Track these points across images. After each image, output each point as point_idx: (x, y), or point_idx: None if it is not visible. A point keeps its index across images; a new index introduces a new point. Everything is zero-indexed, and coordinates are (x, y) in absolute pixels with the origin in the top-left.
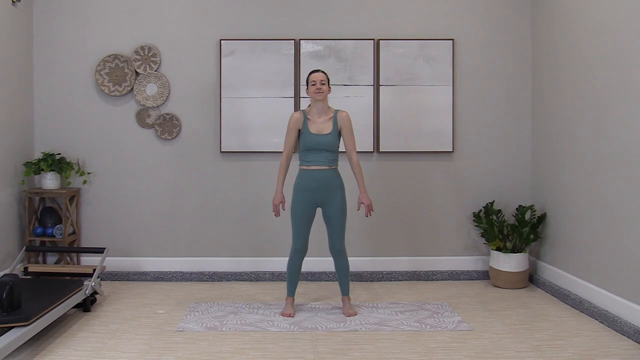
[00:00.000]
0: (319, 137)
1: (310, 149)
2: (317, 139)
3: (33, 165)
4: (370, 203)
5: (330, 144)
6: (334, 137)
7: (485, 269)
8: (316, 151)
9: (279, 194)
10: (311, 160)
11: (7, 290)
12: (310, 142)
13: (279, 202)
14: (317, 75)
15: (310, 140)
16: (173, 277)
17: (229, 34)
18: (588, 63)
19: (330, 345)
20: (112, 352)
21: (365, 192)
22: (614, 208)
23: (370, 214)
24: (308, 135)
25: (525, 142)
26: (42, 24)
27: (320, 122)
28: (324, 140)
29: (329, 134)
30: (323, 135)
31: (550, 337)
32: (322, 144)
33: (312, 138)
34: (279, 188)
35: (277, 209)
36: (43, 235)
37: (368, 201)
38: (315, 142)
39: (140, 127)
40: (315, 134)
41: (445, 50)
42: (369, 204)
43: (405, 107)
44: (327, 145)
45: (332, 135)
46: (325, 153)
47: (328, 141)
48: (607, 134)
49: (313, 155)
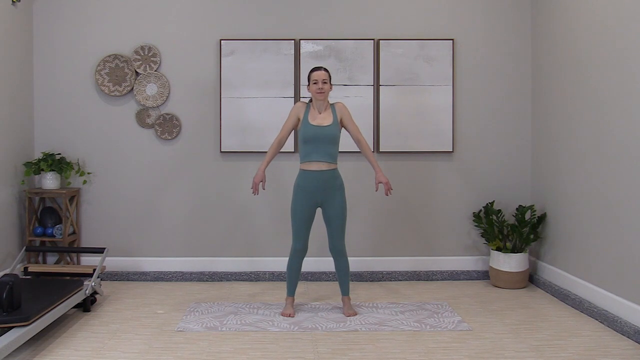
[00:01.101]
0: (319, 127)
1: (309, 140)
2: (316, 130)
3: (33, 165)
4: (388, 181)
5: (330, 135)
6: (335, 128)
7: (485, 269)
8: (315, 143)
9: (260, 172)
10: (310, 152)
11: (7, 290)
12: (309, 132)
13: (259, 181)
14: (319, 73)
15: (309, 130)
16: (173, 277)
17: (229, 34)
18: (588, 63)
19: (330, 345)
20: (112, 352)
21: (381, 171)
22: (614, 208)
23: (389, 192)
24: (307, 126)
25: (525, 142)
26: (42, 24)
27: (321, 117)
28: (323, 131)
29: (329, 125)
30: (323, 126)
31: (550, 337)
32: (321, 135)
33: (312, 128)
34: (263, 167)
35: (256, 187)
36: (43, 235)
37: (385, 179)
38: (314, 132)
39: (140, 127)
40: (315, 125)
41: (445, 50)
42: (387, 182)
43: (405, 107)
44: (327, 137)
45: (333, 126)
46: (324, 146)
47: (328, 132)
48: (607, 134)
49: (312, 148)
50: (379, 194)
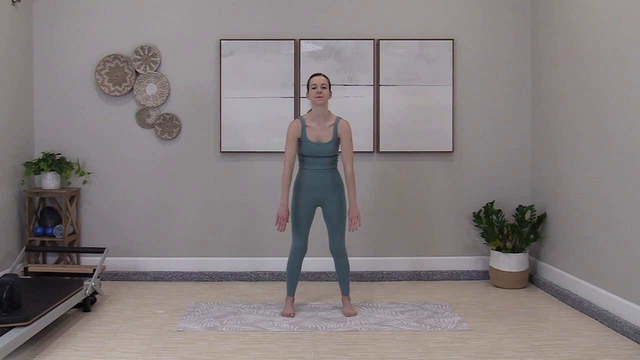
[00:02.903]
0: (319, 145)
1: (309, 155)
2: (316, 148)
3: (33, 165)
4: (358, 215)
5: (329, 151)
6: (334, 145)
7: (485, 269)
8: (315, 158)
9: (284, 207)
10: (311, 163)
11: (7, 290)
12: (309, 150)
13: (286, 216)
14: (318, 78)
15: (309, 148)
16: (173, 277)
17: (229, 34)
18: (588, 63)
19: (330, 345)
20: (112, 352)
21: (354, 205)
22: (614, 208)
23: (355, 228)
24: (307, 144)
25: (525, 142)
26: (42, 24)
27: (320, 130)
28: (323, 149)
29: (328, 143)
30: (322, 144)
31: (550, 337)
32: (321, 152)
33: (311, 147)
34: (284, 201)
35: (284, 223)
36: (43, 235)
37: (355, 213)
38: (314, 150)
39: (140, 127)
40: (315, 142)
41: (445, 50)
42: (354, 216)
43: (405, 107)
44: (326, 153)
45: (331, 144)
46: (324, 159)
47: (327, 150)
48: (607, 134)
49: (312, 160)
50: (378, 194)
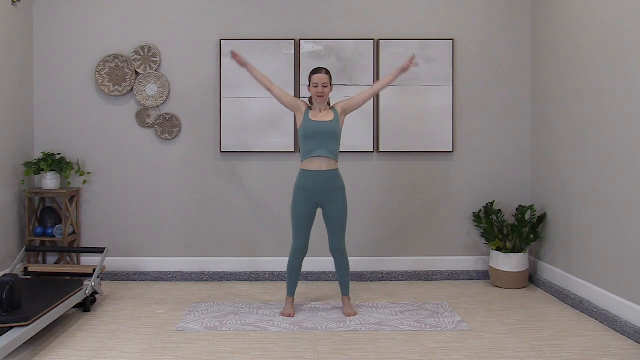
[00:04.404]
0: (320, 123)
1: (310, 135)
2: (318, 125)
3: (33, 165)
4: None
5: (331, 130)
6: (336, 124)
7: (485, 269)
8: (317, 139)
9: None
10: (312, 149)
11: (7, 290)
12: (310, 127)
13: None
14: (319, 77)
15: (310, 125)
16: (173, 277)
17: (229, 34)
18: (588, 63)
19: (330, 345)
20: (112, 352)
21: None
22: (614, 208)
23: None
24: (308, 122)
25: (525, 142)
26: (42, 24)
27: (322, 115)
28: (325, 127)
29: (330, 121)
30: (324, 121)
31: (550, 337)
32: (323, 130)
33: (313, 124)
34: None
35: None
36: (43, 235)
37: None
38: (315, 127)
39: (140, 127)
40: (316, 120)
41: (445, 50)
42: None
43: (405, 107)
44: (329, 132)
45: (334, 122)
46: (326, 142)
47: (329, 127)
48: (607, 134)
49: (313, 144)
50: (379, 194)
